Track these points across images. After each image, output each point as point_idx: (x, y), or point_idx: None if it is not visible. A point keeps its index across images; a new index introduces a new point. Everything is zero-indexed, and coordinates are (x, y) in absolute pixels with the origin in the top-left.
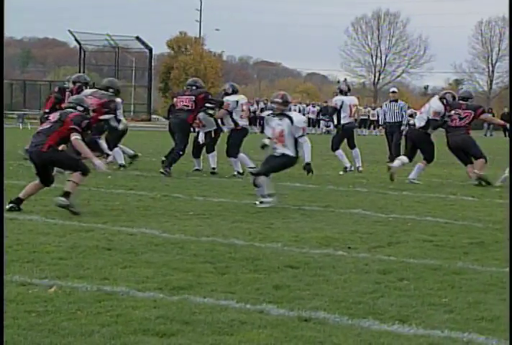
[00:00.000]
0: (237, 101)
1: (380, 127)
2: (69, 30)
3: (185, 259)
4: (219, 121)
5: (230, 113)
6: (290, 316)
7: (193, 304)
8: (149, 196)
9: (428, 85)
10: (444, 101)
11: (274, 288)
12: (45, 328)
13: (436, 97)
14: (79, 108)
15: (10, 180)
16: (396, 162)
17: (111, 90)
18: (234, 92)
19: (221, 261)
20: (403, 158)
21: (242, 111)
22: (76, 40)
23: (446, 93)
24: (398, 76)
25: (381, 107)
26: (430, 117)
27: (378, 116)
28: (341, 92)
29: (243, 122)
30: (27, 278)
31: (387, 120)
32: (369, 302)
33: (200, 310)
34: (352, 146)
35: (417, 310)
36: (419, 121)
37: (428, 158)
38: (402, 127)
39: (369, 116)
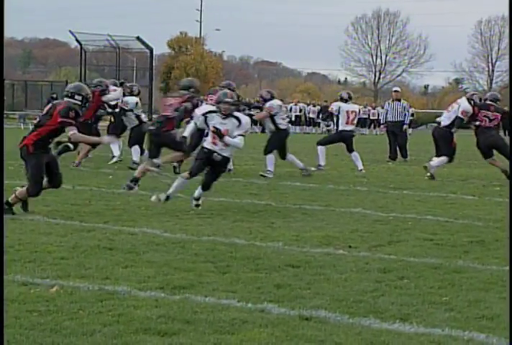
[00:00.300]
0: (280, 106)
1: (381, 126)
2: (70, 30)
3: (186, 259)
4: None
5: (271, 116)
6: (291, 315)
7: (194, 303)
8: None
9: (428, 85)
10: (472, 102)
11: (275, 287)
12: (47, 328)
13: (464, 98)
14: (77, 97)
15: (11, 180)
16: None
17: (191, 89)
18: (273, 98)
19: (222, 260)
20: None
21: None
22: (77, 40)
23: (473, 94)
24: (398, 75)
25: (382, 107)
26: (458, 115)
27: (379, 115)
28: (342, 99)
29: (284, 124)
30: (29, 278)
31: (389, 119)
32: (370, 301)
33: (202, 310)
34: (350, 150)
35: (418, 308)
36: (446, 120)
37: (446, 153)
38: (404, 127)
39: (369, 115)
